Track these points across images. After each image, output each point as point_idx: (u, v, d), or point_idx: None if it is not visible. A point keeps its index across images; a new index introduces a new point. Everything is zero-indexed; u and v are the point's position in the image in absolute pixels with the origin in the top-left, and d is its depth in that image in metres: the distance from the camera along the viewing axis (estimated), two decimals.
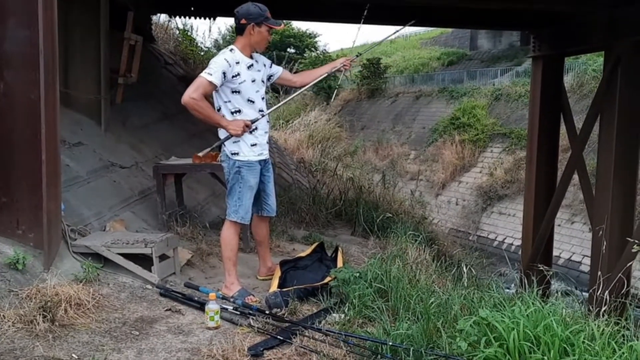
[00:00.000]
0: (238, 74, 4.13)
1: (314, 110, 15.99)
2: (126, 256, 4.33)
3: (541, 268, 4.49)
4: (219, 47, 23.67)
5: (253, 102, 4.22)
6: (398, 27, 5.78)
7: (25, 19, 4.01)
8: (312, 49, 40.06)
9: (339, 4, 9.29)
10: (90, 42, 6.23)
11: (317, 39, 41.31)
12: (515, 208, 19.99)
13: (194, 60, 11.07)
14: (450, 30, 34.89)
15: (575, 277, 17.07)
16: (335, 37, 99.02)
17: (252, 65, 4.24)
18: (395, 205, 8.71)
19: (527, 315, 3.12)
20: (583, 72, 21.85)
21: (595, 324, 3.13)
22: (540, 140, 9.94)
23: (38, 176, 4.03)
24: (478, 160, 23.04)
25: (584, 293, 8.53)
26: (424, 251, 5.26)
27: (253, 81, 4.22)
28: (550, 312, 3.18)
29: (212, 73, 4.04)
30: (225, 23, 50.96)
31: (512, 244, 19.30)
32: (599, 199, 8.49)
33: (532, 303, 3.33)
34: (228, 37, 34.96)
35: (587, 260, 17.00)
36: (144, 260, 4.37)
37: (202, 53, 12.07)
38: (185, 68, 10.38)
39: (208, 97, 4.17)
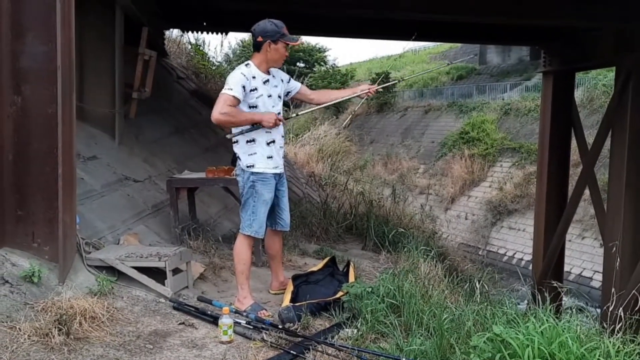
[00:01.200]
0: (255, 89, 4.18)
1: (323, 124, 16.04)
2: (140, 269, 4.35)
3: (555, 285, 4.48)
4: (229, 62, 23.84)
5: None
6: (427, 70, 5.78)
7: (43, 35, 4.07)
8: (322, 63, 40.25)
9: (347, 19, 9.37)
10: (105, 57, 6.30)
11: (326, 53, 41.53)
12: (525, 223, 19.93)
13: (205, 74, 11.16)
14: (459, 45, 34.95)
15: (586, 293, 16.95)
16: (344, 51, 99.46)
17: (267, 80, 4.28)
18: (405, 220, 8.70)
19: (542, 332, 3.11)
20: (593, 86, 21.85)
21: (610, 342, 3.12)
22: (550, 155, 9.95)
23: (54, 190, 4.07)
24: (487, 174, 23.03)
25: (596, 309, 8.49)
26: (436, 266, 5.25)
27: (269, 96, 4.27)
28: (565, 329, 3.17)
29: (232, 88, 4.09)
30: (235, 37, 51.35)
31: (522, 259, 19.23)
32: (610, 214, 8.48)
33: (547, 319, 3.32)
34: (238, 51, 35.18)
35: (598, 276, 16.92)
36: (157, 274, 4.40)
37: (213, 67, 12.16)
38: (197, 82, 10.47)
39: None
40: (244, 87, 4.14)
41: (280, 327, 3.82)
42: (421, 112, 29.37)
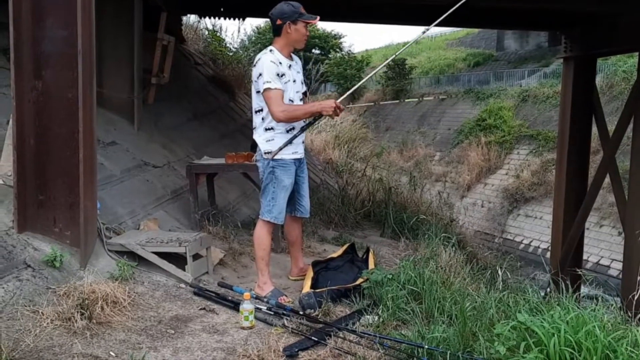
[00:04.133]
0: (284, 74, 4.14)
1: None
2: (160, 255, 4.36)
3: (578, 272, 4.42)
4: (245, 48, 23.78)
5: (293, 101, 4.23)
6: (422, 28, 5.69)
7: (63, 19, 4.06)
8: (337, 49, 40.08)
9: (363, 4, 9.27)
10: (124, 43, 6.29)
11: (342, 40, 41.34)
12: (542, 211, 19.79)
13: (222, 60, 11.13)
14: (476, 30, 34.64)
15: (603, 282, 16.86)
16: (359, 37, 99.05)
17: (291, 65, 4.25)
18: (423, 207, 8.65)
19: (568, 320, 3.07)
20: (613, 73, 21.57)
21: (638, 331, 3.07)
22: (570, 143, 9.82)
23: (75, 174, 4.07)
24: (504, 162, 22.86)
25: (615, 298, 8.40)
26: (456, 253, 5.20)
27: (294, 82, 4.24)
28: (591, 317, 3.12)
29: (271, 80, 4.06)
30: (251, 24, 51.24)
31: (538, 247, 19.11)
32: (632, 203, 8.36)
33: (572, 308, 3.28)
34: (253, 37, 35.14)
35: (616, 265, 16.80)
36: (177, 259, 4.40)
37: (230, 54, 12.12)
38: (214, 68, 10.44)
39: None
40: (277, 74, 4.11)
41: (301, 313, 3.81)
42: (437, 99, 29.17)
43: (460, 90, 28.28)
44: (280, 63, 4.17)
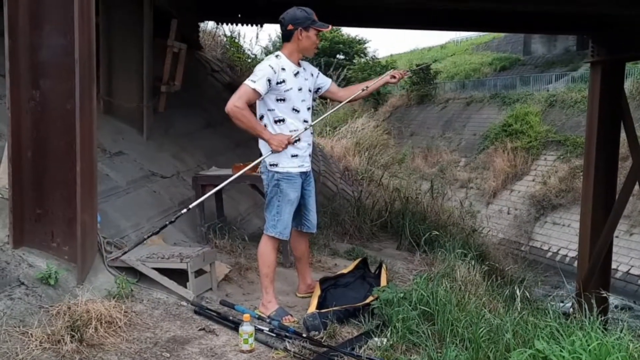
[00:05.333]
0: (283, 81, 3.94)
1: (361, 117, 15.74)
2: (161, 271, 4.19)
3: (603, 294, 4.16)
4: (268, 54, 23.73)
5: (298, 111, 4.03)
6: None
7: (61, 27, 3.91)
8: (362, 55, 39.85)
9: (387, 10, 9.06)
10: (134, 51, 6.16)
11: (366, 45, 41.09)
12: (570, 218, 19.30)
13: (240, 67, 10.99)
14: (502, 34, 34.17)
15: (633, 292, 16.35)
16: (384, 42, 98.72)
17: (298, 72, 4.05)
18: (443, 217, 8.38)
19: (590, 349, 2.82)
20: None
21: None
22: (598, 149, 9.48)
23: (72, 187, 3.92)
24: (531, 168, 22.40)
25: None
26: (474, 269, 4.95)
27: (299, 90, 4.03)
28: (616, 346, 2.87)
29: (255, 80, 3.87)
30: (275, 30, 51.32)
31: (566, 256, 18.64)
32: None
33: (594, 334, 3.03)
34: (278, 44, 35.08)
35: None
36: (180, 275, 4.22)
37: (249, 60, 11.98)
38: (232, 75, 10.30)
39: (252, 105, 3.99)
40: (269, 80, 3.91)
41: (304, 335, 3.60)
42: (463, 104, 28.78)
43: (486, 95, 27.85)
44: (283, 69, 3.98)
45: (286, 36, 4.08)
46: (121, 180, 5.26)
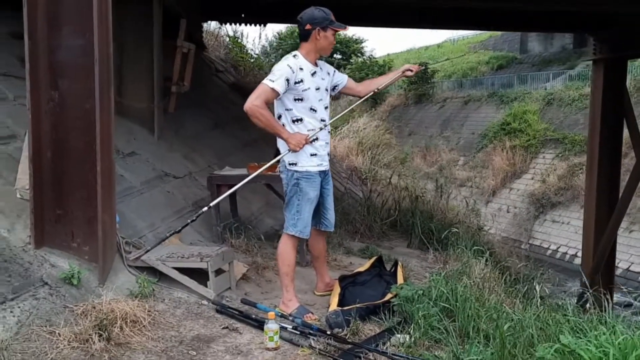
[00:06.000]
0: (301, 81, 3.96)
1: (362, 117, 15.76)
2: (181, 270, 4.20)
3: (624, 289, 4.18)
4: (266, 54, 23.66)
5: (315, 111, 4.05)
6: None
7: (79, 28, 3.93)
8: (359, 54, 39.86)
9: (384, 8, 9.10)
10: (144, 51, 6.17)
11: (363, 44, 41.10)
12: (570, 216, 19.39)
13: (244, 67, 11.00)
14: (499, 33, 34.25)
15: (634, 288, 16.43)
16: (381, 42, 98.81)
17: (315, 72, 4.07)
18: (450, 215, 8.42)
19: (619, 344, 2.85)
20: None
21: None
22: (601, 147, 9.53)
23: (93, 187, 3.93)
24: (530, 166, 22.48)
25: None
26: (488, 265, 4.98)
27: (317, 89, 4.05)
28: None
29: (274, 80, 3.88)
30: (272, 29, 51.32)
31: (566, 253, 18.73)
32: None
33: (619, 329, 3.06)
34: (275, 43, 35.11)
35: None
36: (199, 274, 4.24)
37: (252, 60, 12.00)
38: (236, 75, 10.32)
39: (269, 105, 4.00)
40: (287, 80, 3.93)
41: (328, 333, 3.63)
42: (460, 103, 28.84)
43: (483, 93, 27.92)
44: (301, 69, 4.00)
45: (304, 36, 4.09)
46: (135, 181, 5.27)
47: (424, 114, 30.58)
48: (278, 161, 4.18)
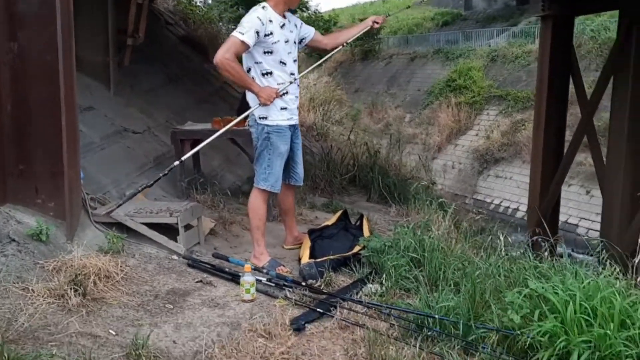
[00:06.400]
0: (271, 33, 3.92)
1: (312, 73, 15.68)
2: (149, 226, 4.17)
3: (598, 240, 4.36)
4: (209, 7, 22.99)
5: (285, 64, 4.03)
6: None
7: None
8: (304, 9, 39.29)
9: None
10: (96, 2, 5.95)
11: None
12: (512, 171, 19.94)
13: (194, 20, 10.73)
14: None
15: (571, 240, 17.14)
16: None
17: (284, 24, 4.03)
18: (403, 170, 8.55)
19: (584, 287, 3.01)
20: (581, 32, 21.58)
21: None
22: (549, 102, 9.74)
23: (58, 142, 3.85)
24: (474, 123, 22.85)
25: (587, 257, 8.49)
26: (449, 219, 5.11)
27: (286, 42, 4.03)
28: (605, 283, 3.07)
29: (244, 32, 3.83)
30: None
31: (508, 207, 19.30)
32: (610, 167, 8.39)
33: (583, 273, 3.23)
34: None
35: (584, 223, 17.12)
36: (166, 230, 4.23)
37: (202, 13, 11.70)
38: (186, 29, 10.06)
39: (239, 58, 3.96)
40: (257, 32, 3.89)
41: (303, 284, 3.69)
42: (407, 60, 28.93)
43: (429, 50, 28.06)
44: (270, 21, 3.96)
45: None
46: (94, 136, 5.16)
47: (371, 71, 30.58)
48: (247, 116, 4.16)
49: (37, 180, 3.94)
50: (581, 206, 17.48)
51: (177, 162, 4.10)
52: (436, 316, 3.18)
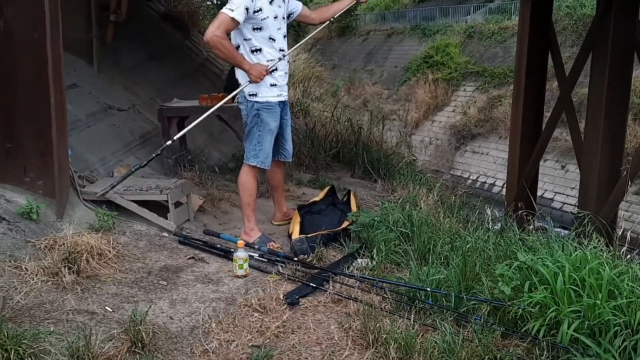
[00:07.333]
0: (260, 10, 3.91)
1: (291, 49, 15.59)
2: (139, 203, 4.17)
3: (584, 214, 4.45)
4: None
5: (274, 40, 4.02)
6: None
7: None
8: None
9: None
10: None
11: None
12: (489, 147, 20.15)
13: None
14: None
15: (547, 214, 17.45)
16: None
17: (273, 0, 4.01)
18: (385, 146, 8.60)
19: (572, 259, 3.10)
20: (557, 8, 21.71)
21: (638, 266, 3.13)
22: (528, 78, 9.83)
23: (46, 120, 3.82)
24: (451, 99, 22.99)
25: (564, 230, 8.66)
26: (436, 194, 5.17)
27: (275, 18, 4.02)
28: (593, 255, 3.16)
29: (233, 9, 3.81)
30: None
31: (485, 182, 19.55)
32: (588, 137, 8.53)
33: (571, 245, 3.32)
34: None
35: (559, 197, 17.40)
36: (155, 207, 4.23)
37: None
38: (166, 5, 9.90)
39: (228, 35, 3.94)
40: (247, 9, 3.87)
41: (295, 259, 3.73)
42: (384, 36, 28.90)
43: (406, 26, 28.03)
44: None
45: None
46: (80, 114, 5.11)
47: (348, 47, 30.50)
48: (227, 91, 4.16)
49: (26, 158, 3.91)
50: (556, 181, 17.75)
51: (169, 142, 4.11)
52: (428, 289, 3.25)
